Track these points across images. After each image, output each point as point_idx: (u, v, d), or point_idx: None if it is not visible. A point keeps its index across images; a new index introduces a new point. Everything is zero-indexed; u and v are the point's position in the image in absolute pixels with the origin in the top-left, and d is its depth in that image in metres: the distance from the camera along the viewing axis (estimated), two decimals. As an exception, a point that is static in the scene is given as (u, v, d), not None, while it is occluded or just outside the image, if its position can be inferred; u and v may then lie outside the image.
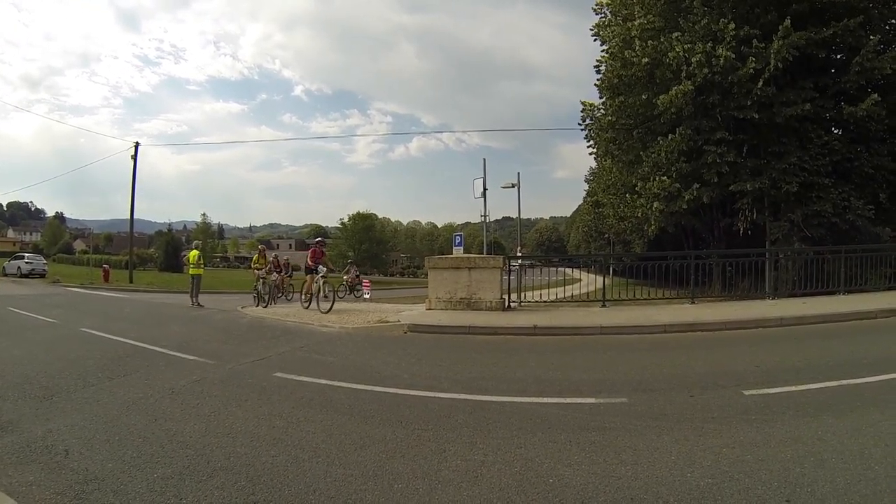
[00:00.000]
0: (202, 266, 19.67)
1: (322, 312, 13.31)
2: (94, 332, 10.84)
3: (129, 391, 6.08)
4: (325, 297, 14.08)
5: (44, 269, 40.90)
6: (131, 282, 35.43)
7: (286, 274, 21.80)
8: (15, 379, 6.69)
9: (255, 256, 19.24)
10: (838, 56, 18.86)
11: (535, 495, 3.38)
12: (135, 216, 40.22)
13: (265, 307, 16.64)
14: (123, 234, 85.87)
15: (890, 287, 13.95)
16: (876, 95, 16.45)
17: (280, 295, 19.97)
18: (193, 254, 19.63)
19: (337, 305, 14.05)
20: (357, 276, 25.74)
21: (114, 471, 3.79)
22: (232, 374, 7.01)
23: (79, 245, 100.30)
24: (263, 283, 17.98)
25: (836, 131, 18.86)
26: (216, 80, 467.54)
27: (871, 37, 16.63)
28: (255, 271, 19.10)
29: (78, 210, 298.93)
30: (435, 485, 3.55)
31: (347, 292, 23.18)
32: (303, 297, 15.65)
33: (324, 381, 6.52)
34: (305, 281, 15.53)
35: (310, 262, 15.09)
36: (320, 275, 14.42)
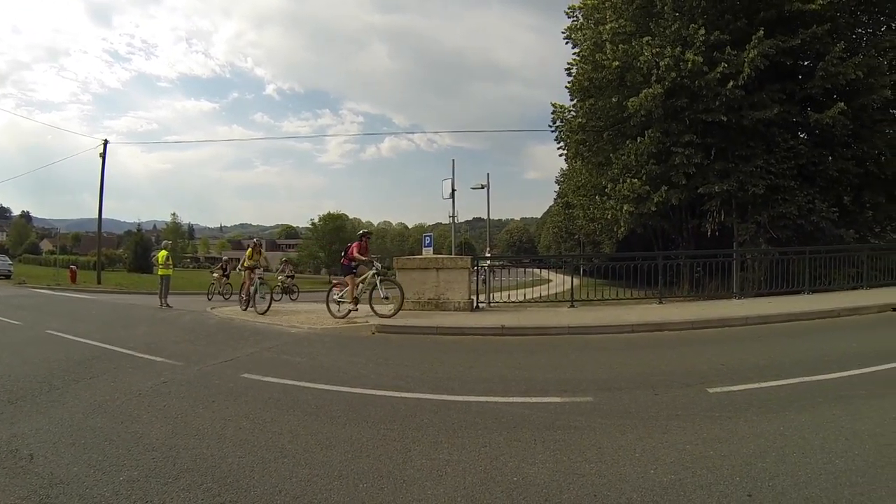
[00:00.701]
0: (171, 266, 19.37)
1: (381, 315, 11.70)
2: (60, 334, 10.63)
3: (96, 394, 5.98)
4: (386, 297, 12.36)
5: (9, 270, 40.01)
6: (99, 283, 34.85)
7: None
8: (-23, 382, 6.54)
9: (249, 252, 15.99)
10: (805, 63, 19.29)
11: (500, 494, 3.39)
12: (103, 216, 39.30)
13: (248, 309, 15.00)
14: (91, 233, 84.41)
15: (853, 287, 14.33)
16: (842, 104, 16.86)
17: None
18: (162, 254, 19.36)
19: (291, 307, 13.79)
20: (292, 277, 24.50)
21: (79, 475, 3.74)
22: (199, 376, 6.93)
23: (45, 245, 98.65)
24: (262, 282, 15.55)
25: (801, 135, 19.26)
26: (188, 78, 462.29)
27: (837, 44, 16.98)
28: (245, 271, 16.03)
29: (45, 209, 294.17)
30: (400, 484, 3.55)
31: (282, 294, 21.54)
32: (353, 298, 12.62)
33: (291, 382, 6.48)
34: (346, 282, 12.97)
35: (359, 255, 12.84)
36: (373, 271, 12.47)
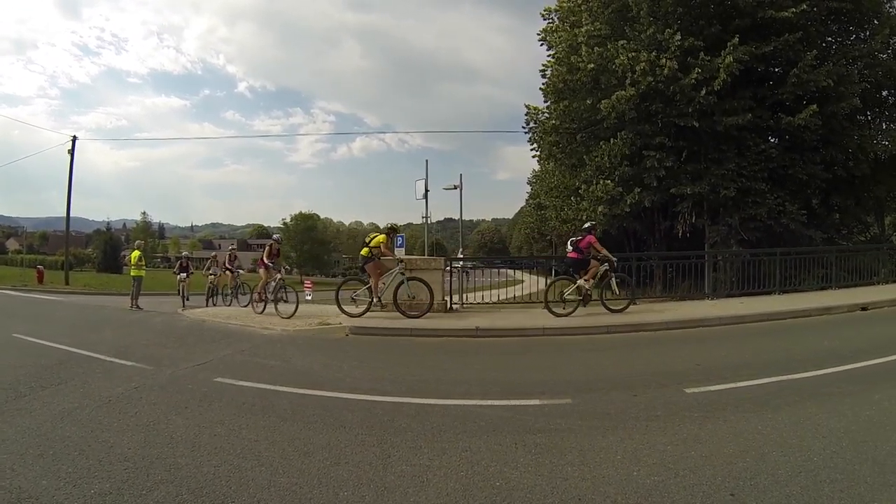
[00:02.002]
0: (143, 267, 19.01)
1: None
2: (26, 337, 10.34)
3: (64, 401, 5.79)
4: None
5: (-27, 271, 39.13)
6: (67, 283, 34.22)
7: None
8: (-63, 389, 6.32)
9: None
10: (776, 69, 19.57)
11: (483, 499, 3.37)
12: (72, 214, 38.68)
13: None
14: (59, 232, 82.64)
15: (822, 287, 14.55)
16: (815, 107, 17.15)
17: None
18: (135, 254, 18.94)
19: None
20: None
21: (48, 488, 3.60)
22: (172, 380, 6.79)
23: (11, 244, 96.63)
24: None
25: (772, 140, 19.59)
26: (158, 74, 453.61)
27: (808, 52, 17.29)
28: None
29: (10, 207, 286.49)
30: (381, 491, 3.50)
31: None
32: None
33: (266, 386, 6.38)
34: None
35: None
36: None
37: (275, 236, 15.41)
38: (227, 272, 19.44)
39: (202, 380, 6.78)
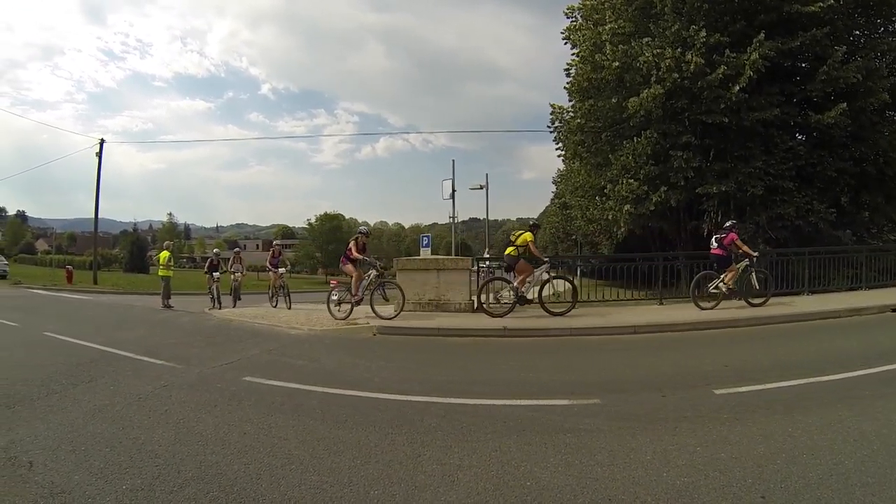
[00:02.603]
0: (172, 267, 19.18)
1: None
2: (57, 336, 10.55)
3: (95, 398, 5.90)
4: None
5: (5, 270, 39.81)
6: (96, 283, 34.75)
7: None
8: (-27, 386, 6.46)
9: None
10: (803, 65, 19.31)
11: (513, 498, 3.36)
12: (99, 215, 39.35)
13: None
14: (87, 233, 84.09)
15: (851, 287, 14.31)
16: (844, 104, 16.87)
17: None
18: (164, 255, 19.19)
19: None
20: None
21: (80, 483, 3.65)
22: (200, 379, 6.88)
23: (41, 245, 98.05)
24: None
25: (800, 137, 19.31)
26: (183, 77, 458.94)
27: (837, 47, 17.03)
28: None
29: (40, 209, 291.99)
30: (412, 490, 3.51)
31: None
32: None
33: (294, 385, 6.44)
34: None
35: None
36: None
37: (362, 228, 13.97)
38: (271, 272, 17.81)
39: (230, 379, 6.86)
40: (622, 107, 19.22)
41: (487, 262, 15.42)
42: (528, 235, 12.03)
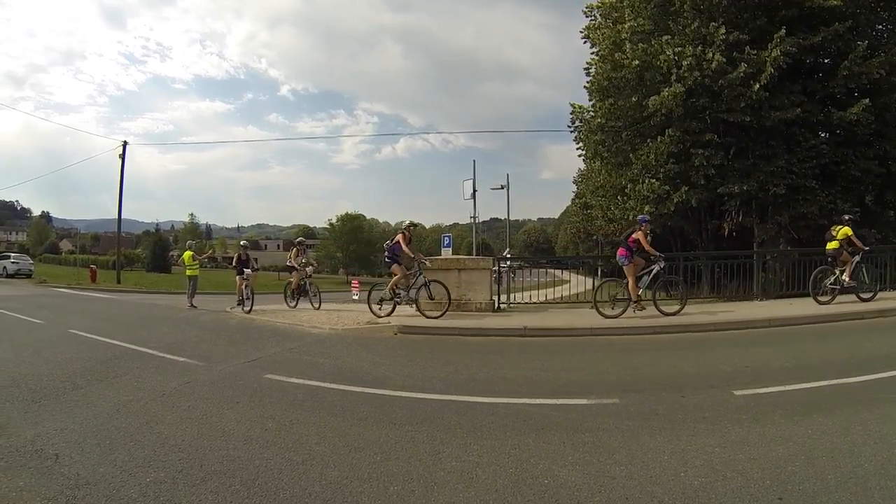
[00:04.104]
0: (197, 267, 19.25)
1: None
2: (82, 333, 10.74)
3: (119, 394, 6.02)
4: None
5: (30, 270, 40.53)
6: (119, 282, 35.15)
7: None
8: (2, 381, 6.61)
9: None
10: (825, 61, 19.08)
11: (532, 496, 3.39)
12: (122, 216, 39.85)
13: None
14: (110, 233, 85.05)
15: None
16: (867, 100, 16.64)
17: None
18: (187, 255, 19.32)
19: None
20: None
21: (105, 475, 3.74)
22: (223, 376, 6.98)
23: (65, 245, 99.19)
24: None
25: (822, 135, 19.01)
26: (202, 79, 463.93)
27: (860, 42, 16.80)
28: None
29: (64, 209, 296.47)
30: (431, 486, 3.55)
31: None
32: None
33: (315, 383, 6.51)
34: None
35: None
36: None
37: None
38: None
39: (252, 376, 6.95)
40: (642, 106, 19.11)
41: (508, 263, 15.40)
42: (847, 230, 11.95)
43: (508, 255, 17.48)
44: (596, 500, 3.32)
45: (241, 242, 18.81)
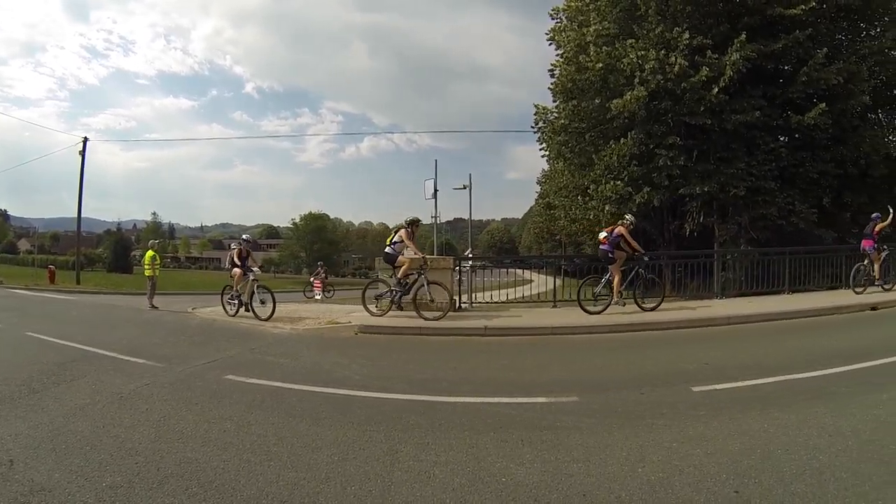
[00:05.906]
0: (158, 267, 18.94)
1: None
2: (39, 336, 10.43)
3: (76, 397, 5.88)
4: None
5: (-15, 271, 39.45)
6: (78, 283, 34.36)
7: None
8: (-46, 386, 6.40)
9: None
10: (786, 67, 19.44)
11: (488, 494, 3.40)
12: (82, 214, 38.90)
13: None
14: (70, 233, 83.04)
15: (832, 286, 14.46)
16: (823, 105, 17.03)
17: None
18: (149, 254, 18.98)
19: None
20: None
21: (60, 481, 3.67)
22: (182, 378, 6.86)
23: (23, 244, 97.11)
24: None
25: (782, 139, 19.40)
26: (166, 75, 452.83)
27: (819, 50, 17.21)
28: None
29: (22, 208, 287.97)
30: (388, 486, 3.55)
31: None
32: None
33: (276, 384, 6.45)
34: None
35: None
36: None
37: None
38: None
39: (212, 377, 6.85)
40: (606, 108, 19.25)
41: (471, 262, 15.41)
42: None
43: (471, 255, 17.48)
44: (553, 498, 3.35)
45: (244, 236, 16.28)
